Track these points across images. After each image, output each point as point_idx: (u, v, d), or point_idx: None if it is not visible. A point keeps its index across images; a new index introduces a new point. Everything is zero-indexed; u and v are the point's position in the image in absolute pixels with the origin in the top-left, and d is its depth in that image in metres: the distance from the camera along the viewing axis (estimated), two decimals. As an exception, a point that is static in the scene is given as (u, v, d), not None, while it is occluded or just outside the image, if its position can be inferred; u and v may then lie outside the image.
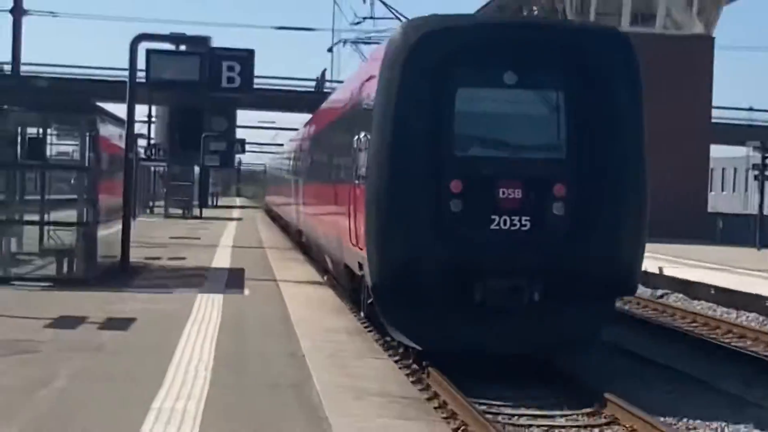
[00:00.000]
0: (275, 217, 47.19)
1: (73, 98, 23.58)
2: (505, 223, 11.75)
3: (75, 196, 18.60)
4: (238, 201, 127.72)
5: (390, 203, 11.86)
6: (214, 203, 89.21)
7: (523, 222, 11.78)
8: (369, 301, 13.19)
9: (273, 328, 12.83)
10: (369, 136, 12.33)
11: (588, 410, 10.85)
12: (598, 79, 12.03)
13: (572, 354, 12.47)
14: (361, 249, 12.55)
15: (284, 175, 39.57)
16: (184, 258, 24.18)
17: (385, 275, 11.96)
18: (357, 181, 13.08)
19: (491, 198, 11.73)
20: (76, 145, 19.01)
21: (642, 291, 21.80)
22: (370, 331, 15.35)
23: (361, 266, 12.99)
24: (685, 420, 10.78)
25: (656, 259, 25.47)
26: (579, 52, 12.17)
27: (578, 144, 11.95)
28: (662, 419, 10.37)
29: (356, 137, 13.50)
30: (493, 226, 11.73)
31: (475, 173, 11.83)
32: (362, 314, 14.82)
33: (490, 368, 12.03)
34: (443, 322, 11.80)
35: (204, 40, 20.23)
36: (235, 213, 65.30)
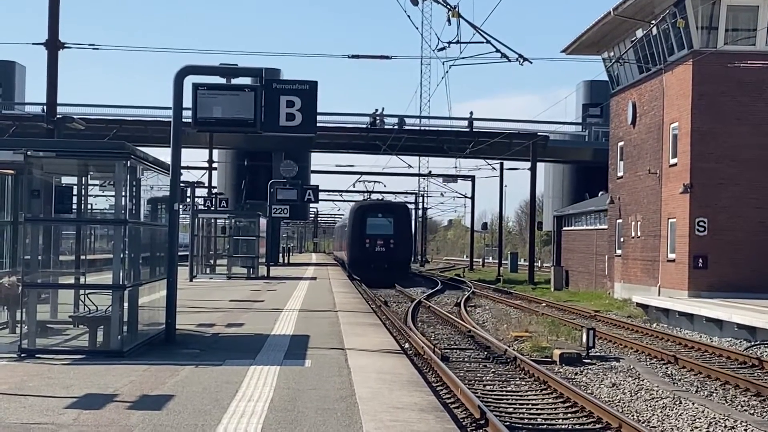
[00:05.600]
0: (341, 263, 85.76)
1: (108, 142, 23.69)
2: (379, 249, 62.68)
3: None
4: (314, 257, 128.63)
5: (352, 245, 64.53)
6: (286, 260, 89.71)
7: (383, 249, 62.76)
8: (348, 271, 66.38)
9: (333, 406, 12.61)
10: (347, 229, 68.42)
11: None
12: (400, 216, 64.80)
13: (400, 281, 60.51)
14: (348, 257, 67.97)
15: (336, 236, 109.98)
16: (241, 324, 24.22)
17: (351, 262, 65.28)
18: (346, 242, 69.33)
19: (375, 243, 62.81)
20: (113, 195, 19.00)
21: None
22: (454, 407, 14.96)
23: (347, 260, 68.80)
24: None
25: None
26: (396, 210, 66.11)
27: (396, 231, 63.27)
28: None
29: (347, 229, 68.88)
30: (375, 250, 62.71)
31: (372, 238, 62.96)
32: (346, 273, 64.41)
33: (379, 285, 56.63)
34: (364, 273, 60.66)
35: (259, 72, 20.05)
36: (309, 271, 65.47)
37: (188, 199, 50.39)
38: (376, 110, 77.66)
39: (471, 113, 77.50)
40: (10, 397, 12.80)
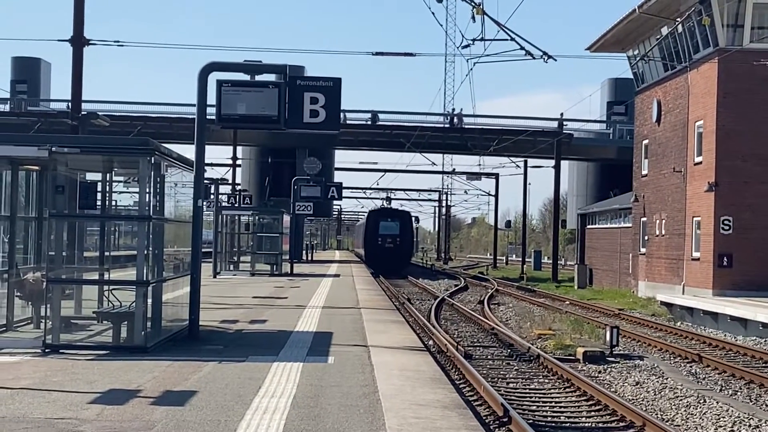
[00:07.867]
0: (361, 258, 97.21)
1: (133, 138, 23.71)
2: (389, 245, 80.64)
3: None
4: (337, 254, 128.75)
5: (368, 242, 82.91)
6: (309, 258, 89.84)
7: (392, 245, 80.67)
8: (365, 262, 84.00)
9: (356, 403, 12.60)
10: (364, 230, 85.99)
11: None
12: (405, 220, 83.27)
13: (405, 268, 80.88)
14: (365, 251, 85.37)
15: (356, 235, 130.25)
16: (265, 321, 24.24)
17: (367, 255, 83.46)
18: (363, 240, 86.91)
19: (386, 241, 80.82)
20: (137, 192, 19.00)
21: None
22: (477, 404, 14.88)
23: (364, 254, 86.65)
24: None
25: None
26: (401, 215, 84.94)
27: (401, 231, 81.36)
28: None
29: (362, 230, 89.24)
30: (386, 246, 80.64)
31: (383, 237, 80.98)
32: (370, 271, 68.25)
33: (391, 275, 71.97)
34: (378, 264, 77.86)
35: (283, 69, 20.02)
36: (332, 269, 65.49)
37: (212, 196, 50.48)
38: (453, 109, 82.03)
39: (561, 114, 77.36)
40: (34, 392, 12.84)
